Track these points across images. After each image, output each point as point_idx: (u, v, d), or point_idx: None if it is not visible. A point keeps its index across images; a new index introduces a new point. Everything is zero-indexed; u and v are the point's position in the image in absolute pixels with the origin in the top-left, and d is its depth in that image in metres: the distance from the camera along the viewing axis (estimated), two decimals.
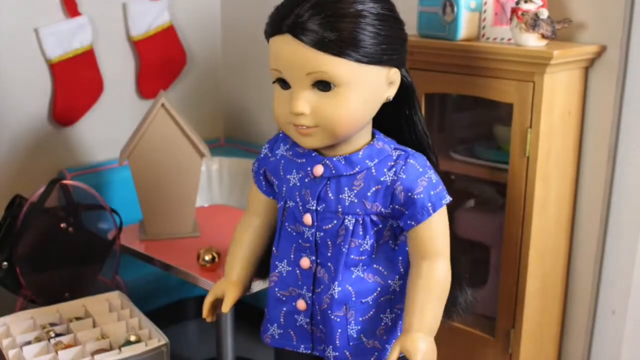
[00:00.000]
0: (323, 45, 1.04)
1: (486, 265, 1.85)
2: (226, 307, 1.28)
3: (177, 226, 1.78)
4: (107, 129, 2.19)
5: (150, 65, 2.24)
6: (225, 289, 1.30)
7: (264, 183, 1.28)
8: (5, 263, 1.63)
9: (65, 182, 1.76)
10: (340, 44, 1.04)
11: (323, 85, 1.07)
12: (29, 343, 1.51)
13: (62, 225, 1.68)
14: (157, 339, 1.51)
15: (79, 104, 2.11)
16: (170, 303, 2.27)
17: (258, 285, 1.42)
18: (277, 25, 1.08)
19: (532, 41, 1.53)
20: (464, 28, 1.64)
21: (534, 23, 1.52)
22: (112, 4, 2.15)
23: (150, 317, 1.60)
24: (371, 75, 1.09)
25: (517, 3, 1.54)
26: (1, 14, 1.94)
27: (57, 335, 1.54)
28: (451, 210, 1.89)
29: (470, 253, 1.94)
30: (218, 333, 1.79)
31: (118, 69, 2.21)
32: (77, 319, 1.61)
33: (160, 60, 2.26)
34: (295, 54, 1.06)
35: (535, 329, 1.71)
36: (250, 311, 1.97)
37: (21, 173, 2.05)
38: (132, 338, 1.52)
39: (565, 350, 1.82)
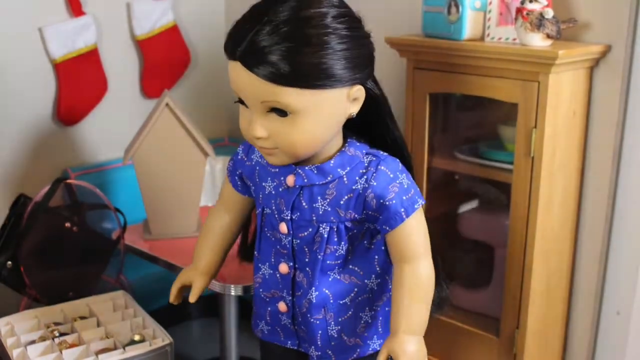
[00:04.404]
0: (276, 77, 1.00)
1: (490, 266, 1.84)
2: (193, 298, 1.32)
3: (182, 226, 1.78)
4: (111, 128, 2.19)
5: (155, 64, 2.24)
6: (193, 279, 1.34)
7: (239, 183, 1.28)
8: (9, 262, 1.63)
9: (69, 181, 1.76)
10: (296, 75, 1.00)
11: (279, 111, 1.05)
12: (33, 342, 1.51)
13: (67, 224, 1.69)
14: (161, 338, 1.51)
15: (83, 103, 2.11)
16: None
17: None
18: (230, 50, 1.04)
19: (537, 41, 1.53)
20: (469, 28, 1.64)
21: (539, 23, 1.51)
22: (116, 4, 2.15)
23: (154, 317, 1.60)
24: (330, 98, 1.05)
25: (522, 3, 1.54)
26: (5, 13, 1.94)
27: (62, 334, 1.54)
28: (455, 210, 1.91)
29: (474, 253, 1.94)
30: (222, 332, 1.79)
31: (122, 69, 2.21)
32: (82, 318, 1.61)
33: (164, 59, 2.26)
34: (247, 83, 1.03)
35: (540, 329, 1.71)
36: None
37: (25, 172, 2.05)
38: (137, 337, 1.52)
39: (570, 350, 1.82)
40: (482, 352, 1.76)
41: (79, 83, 2.08)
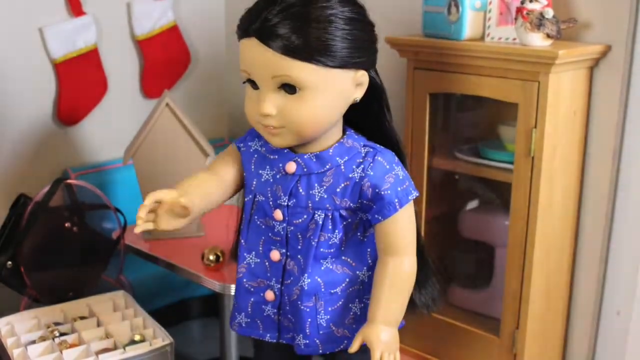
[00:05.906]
0: (288, 51, 1.06)
1: (490, 266, 1.84)
2: (167, 196, 1.16)
3: None
4: (111, 128, 2.19)
5: (155, 64, 2.24)
6: (168, 192, 1.17)
7: (243, 149, 1.26)
8: (9, 262, 1.63)
9: (69, 181, 1.76)
10: (306, 49, 1.06)
11: (289, 87, 1.10)
12: (33, 342, 1.51)
13: (67, 224, 1.69)
14: (162, 338, 1.51)
15: (83, 103, 2.11)
16: (174, 302, 2.27)
17: None
18: (245, 28, 1.10)
19: (537, 41, 1.53)
20: (469, 28, 1.64)
21: (539, 22, 1.51)
22: (116, 4, 2.15)
23: (154, 317, 1.61)
24: (337, 78, 1.11)
25: (522, 2, 1.54)
26: (5, 13, 1.94)
27: (62, 334, 1.54)
28: (455, 210, 1.91)
29: (474, 253, 1.94)
30: (222, 332, 1.80)
31: (122, 69, 2.21)
32: (82, 318, 1.62)
33: (164, 59, 2.26)
34: (261, 58, 1.09)
35: (540, 329, 1.71)
36: None
37: (26, 172, 2.05)
38: (137, 337, 1.52)
39: (570, 350, 1.82)
40: (482, 352, 1.76)
41: (79, 83, 2.08)
